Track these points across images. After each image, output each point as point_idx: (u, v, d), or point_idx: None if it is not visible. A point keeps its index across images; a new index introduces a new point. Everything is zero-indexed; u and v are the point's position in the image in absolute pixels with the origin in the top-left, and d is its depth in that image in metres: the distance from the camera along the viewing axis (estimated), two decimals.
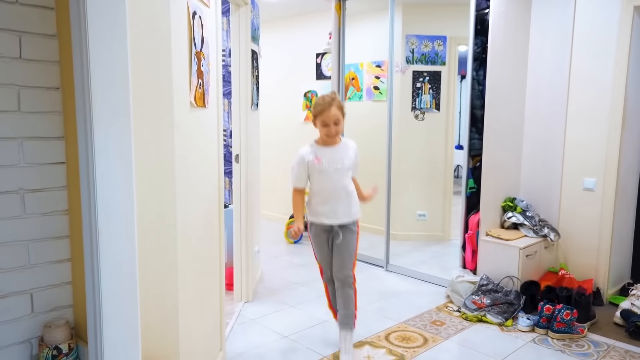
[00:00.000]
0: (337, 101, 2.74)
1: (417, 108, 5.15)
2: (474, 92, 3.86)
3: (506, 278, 3.58)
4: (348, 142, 2.94)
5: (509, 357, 2.91)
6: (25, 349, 1.60)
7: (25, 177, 1.54)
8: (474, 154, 3.93)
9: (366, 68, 5.30)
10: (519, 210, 3.90)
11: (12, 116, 1.51)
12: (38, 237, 1.58)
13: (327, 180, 2.81)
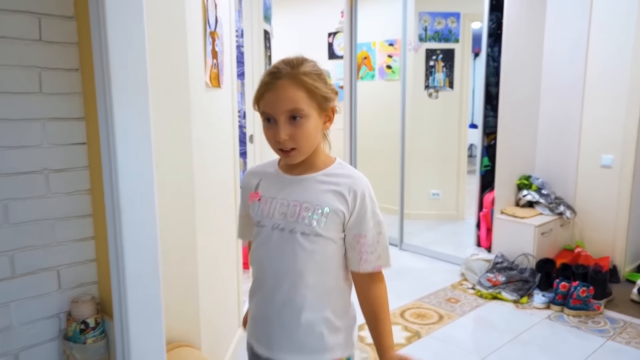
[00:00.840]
0: (298, 71, 1.15)
1: (430, 86, 5.11)
2: (489, 69, 3.82)
3: (521, 256, 3.59)
4: (344, 175, 1.23)
5: (525, 333, 2.93)
6: (54, 323, 1.66)
7: (48, 157, 1.59)
8: (489, 131, 3.90)
9: (378, 47, 5.26)
10: (534, 188, 3.88)
11: (34, 98, 1.54)
12: (63, 215, 1.63)
13: (262, 248, 1.26)
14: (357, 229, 1.19)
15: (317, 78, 1.15)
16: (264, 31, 3.55)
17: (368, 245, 1.19)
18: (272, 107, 1.13)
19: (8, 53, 1.48)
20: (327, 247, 1.19)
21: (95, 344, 1.62)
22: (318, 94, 1.14)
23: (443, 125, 5.17)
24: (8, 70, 1.49)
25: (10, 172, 1.52)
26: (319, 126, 1.18)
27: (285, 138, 1.11)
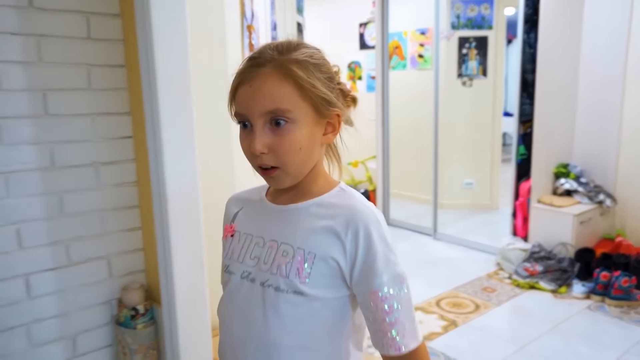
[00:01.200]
0: (287, 58, 0.78)
1: (463, 75, 5.04)
2: (525, 56, 3.74)
3: (559, 245, 3.53)
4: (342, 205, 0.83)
5: (564, 323, 2.88)
6: (106, 309, 1.73)
7: (98, 151, 1.65)
8: (525, 119, 3.83)
9: (410, 36, 5.21)
10: (573, 177, 3.80)
11: (84, 94, 1.60)
12: (111, 206, 1.70)
13: (226, 304, 0.91)
14: (367, 285, 0.78)
15: (313, 70, 0.78)
16: (297, 23, 3.55)
17: (384, 310, 0.78)
18: (246, 106, 0.78)
19: (59, 51, 1.55)
20: (315, 311, 0.80)
21: (145, 330, 1.69)
22: (314, 92, 0.78)
23: (476, 114, 5.09)
24: (60, 68, 1.55)
25: (65, 166, 1.59)
26: (314, 137, 0.81)
27: (261, 150, 0.76)
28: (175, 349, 1.65)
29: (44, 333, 1.62)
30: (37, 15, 1.50)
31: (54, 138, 1.57)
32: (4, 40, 1.46)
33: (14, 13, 1.47)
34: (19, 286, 1.56)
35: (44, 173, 1.56)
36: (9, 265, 1.54)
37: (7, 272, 1.54)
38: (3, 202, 1.51)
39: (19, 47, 1.49)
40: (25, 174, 1.53)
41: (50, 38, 1.53)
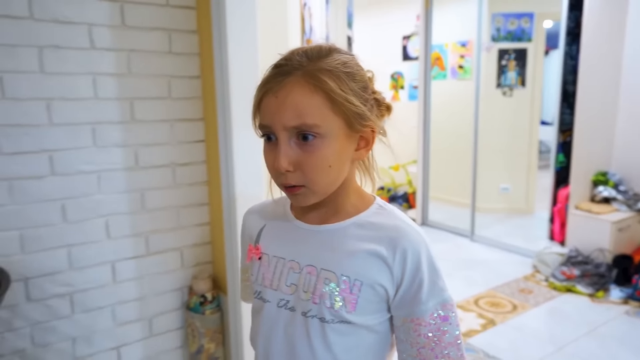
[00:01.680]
0: (317, 66, 0.66)
1: (502, 85, 4.95)
2: (566, 67, 3.65)
3: (596, 251, 3.42)
4: (386, 226, 0.73)
5: (602, 326, 2.80)
6: (178, 295, 1.80)
7: (175, 153, 1.72)
8: (565, 128, 3.73)
9: (451, 48, 5.14)
10: (611, 185, 3.67)
11: (165, 102, 1.68)
12: (185, 203, 1.77)
13: (266, 334, 0.77)
14: (408, 310, 0.70)
15: (346, 79, 0.66)
16: (347, 37, 3.58)
17: (427, 337, 0.70)
18: (271, 118, 0.66)
19: (148, 64, 1.63)
20: (362, 338, 0.73)
21: (212, 315, 1.74)
22: (347, 106, 0.66)
23: (514, 122, 4.98)
24: (147, 80, 1.64)
25: (147, 166, 1.67)
26: (345, 153, 0.69)
27: (286, 167, 0.65)
28: (238, 334, 1.70)
29: (125, 314, 1.71)
30: (128, 32, 1.58)
31: (138, 141, 1.65)
32: (101, 55, 1.55)
33: (108, 31, 1.55)
34: (107, 271, 1.65)
35: (129, 172, 1.65)
36: (99, 252, 1.63)
37: (97, 258, 1.63)
38: (95, 197, 1.60)
39: (113, 61, 1.57)
40: (114, 173, 1.62)
41: (138, 52, 1.61)
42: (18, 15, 1.43)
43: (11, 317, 1.53)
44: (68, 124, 1.54)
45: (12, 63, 1.44)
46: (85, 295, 1.63)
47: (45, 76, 1.49)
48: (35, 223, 1.52)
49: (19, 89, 1.46)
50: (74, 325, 1.63)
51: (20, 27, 1.44)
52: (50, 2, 1.47)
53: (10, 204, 1.48)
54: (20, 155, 1.48)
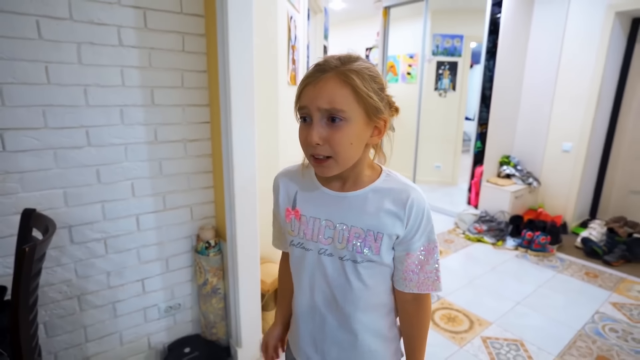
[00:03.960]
0: (347, 67, 0.67)
1: (439, 89, 4.93)
2: (485, 77, 3.64)
3: (499, 212, 3.50)
4: (397, 190, 0.74)
5: (500, 265, 2.89)
6: (189, 241, 1.75)
7: (186, 131, 1.64)
8: (482, 122, 3.75)
9: (402, 59, 5.08)
10: (512, 165, 3.74)
11: (178, 90, 1.58)
12: (194, 171, 1.70)
13: (310, 274, 0.80)
14: (406, 246, 0.74)
15: (369, 80, 0.68)
16: (324, 46, 3.47)
17: (414, 264, 0.75)
18: (309, 101, 0.67)
19: (165, 60, 1.52)
20: (381, 271, 0.76)
21: (214, 257, 1.71)
22: (367, 100, 0.67)
23: (446, 117, 5.00)
24: (164, 72, 1.54)
25: (164, 141, 1.59)
26: (363, 136, 0.70)
27: (317, 141, 0.67)
28: (234, 270, 1.68)
29: (147, 254, 1.66)
30: (149, 34, 1.47)
31: (157, 121, 1.56)
32: (128, 51, 1.45)
33: (134, 32, 1.44)
34: (133, 222, 1.59)
35: (150, 145, 1.57)
36: (127, 207, 1.56)
37: (125, 212, 1.56)
38: (123, 164, 1.52)
39: (137, 56, 1.47)
40: (138, 145, 1.54)
41: (157, 50, 1.50)
42: (60, 17, 1.32)
43: (59, 255, 1.46)
44: (101, 105, 1.44)
45: (56, 55, 1.33)
46: (116, 240, 1.57)
47: (83, 67, 1.38)
48: (75, 183, 1.44)
49: (61, 76, 1.35)
50: (108, 262, 1.57)
51: (62, 27, 1.32)
52: (87, 7, 1.35)
53: (55, 168, 1.40)
54: (63, 129, 1.39)
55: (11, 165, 1.33)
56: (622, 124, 3.52)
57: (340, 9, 4.90)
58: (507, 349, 1.97)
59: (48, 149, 1.37)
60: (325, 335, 0.80)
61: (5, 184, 1.33)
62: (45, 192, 1.39)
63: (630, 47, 3.33)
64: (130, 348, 1.70)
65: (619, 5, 3.06)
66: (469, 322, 2.19)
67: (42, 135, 1.36)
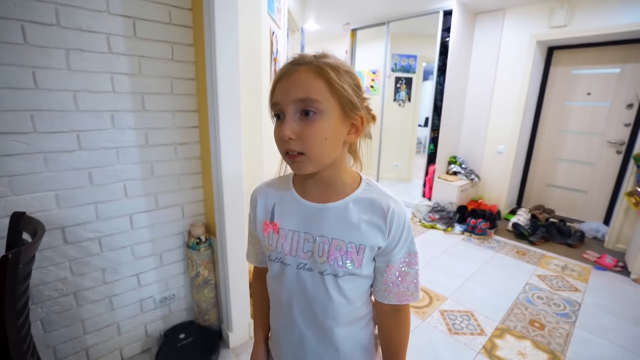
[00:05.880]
0: (322, 61, 0.56)
1: (397, 100, 4.92)
2: (437, 90, 3.64)
3: (448, 203, 3.53)
4: (377, 201, 0.61)
5: (450, 248, 2.90)
6: (180, 237, 1.60)
7: (175, 135, 1.49)
8: (434, 128, 3.76)
9: (366, 74, 5.02)
10: (458, 164, 3.78)
11: (168, 97, 1.43)
12: (184, 172, 1.55)
13: (289, 290, 0.65)
14: (387, 258, 0.62)
15: (344, 74, 0.56)
16: None
17: (395, 276, 0.63)
18: (281, 95, 0.55)
19: (155, 67, 1.36)
20: (362, 283, 0.64)
21: (205, 251, 1.57)
22: (342, 92, 0.55)
23: (403, 124, 5.00)
24: (154, 79, 1.37)
25: (155, 144, 1.43)
26: (339, 133, 0.57)
27: (290, 135, 0.54)
28: (224, 263, 1.55)
29: (142, 251, 1.49)
30: (139, 42, 1.31)
31: (148, 125, 1.40)
32: (117, 59, 1.27)
33: (123, 40, 1.27)
34: (126, 221, 1.42)
35: (141, 149, 1.40)
36: (120, 208, 1.39)
37: (118, 212, 1.39)
38: (115, 167, 1.35)
39: (126, 64, 1.30)
40: (129, 149, 1.37)
41: (147, 58, 1.34)
42: (47, 23, 1.13)
43: (53, 255, 1.28)
44: (92, 110, 1.26)
45: (43, 61, 1.14)
46: (110, 239, 1.40)
47: (72, 72, 1.20)
48: (67, 185, 1.26)
49: (50, 81, 1.17)
50: (103, 259, 1.40)
51: (50, 33, 1.14)
52: (75, 14, 1.17)
53: (46, 171, 1.21)
54: (53, 134, 1.20)
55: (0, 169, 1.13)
56: (541, 131, 3.64)
57: (314, 29, 4.77)
58: (460, 319, 1.95)
59: (38, 153, 1.19)
60: (305, 350, 0.66)
61: None
62: (36, 194, 1.21)
63: (546, 70, 3.45)
64: (128, 337, 1.53)
65: (539, 36, 3.16)
66: (429, 298, 2.16)
67: (31, 140, 1.17)
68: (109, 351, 1.49)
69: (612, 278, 2.46)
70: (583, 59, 3.28)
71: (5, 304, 0.85)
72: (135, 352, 1.56)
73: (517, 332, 1.85)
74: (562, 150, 3.54)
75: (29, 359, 0.98)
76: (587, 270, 2.56)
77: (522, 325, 1.91)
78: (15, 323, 0.89)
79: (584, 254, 2.79)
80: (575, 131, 3.43)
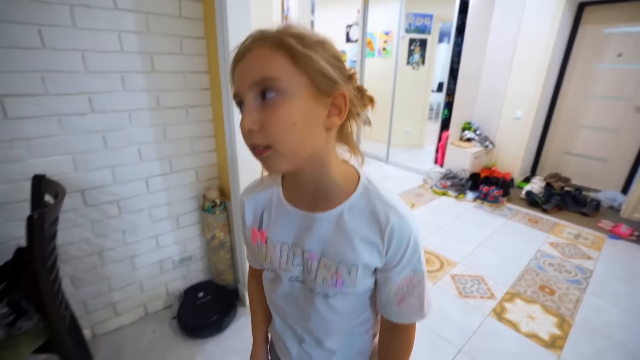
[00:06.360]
0: (283, 32, 0.42)
1: (410, 63, 4.69)
2: (454, 52, 3.44)
3: (461, 170, 3.47)
4: (377, 211, 0.49)
5: (462, 215, 2.88)
6: (195, 201, 1.61)
7: (187, 97, 1.45)
8: (449, 92, 3.60)
9: (378, 35, 4.76)
10: (472, 130, 3.66)
11: (178, 57, 1.37)
12: (196, 135, 1.53)
13: (283, 301, 0.60)
14: (389, 274, 0.53)
15: (314, 45, 0.43)
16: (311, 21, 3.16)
17: (394, 295, 0.54)
18: (238, 82, 0.44)
19: (163, 25, 1.29)
20: (359, 297, 0.56)
21: (220, 214, 1.59)
22: (310, 63, 0.42)
23: (416, 89, 4.81)
24: (163, 38, 1.31)
25: (166, 107, 1.39)
26: (313, 116, 0.44)
27: (249, 126, 0.43)
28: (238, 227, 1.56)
29: (158, 214, 1.52)
30: None
31: (158, 87, 1.36)
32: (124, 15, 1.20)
33: None
34: (142, 185, 1.43)
35: (153, 111, 1.37)
36: (135, 171, 1.39)
37: (134, 175, 1.39)
38: (128, 130, 1.33)
39: (134, 21, 1.23)
40: (141, 111, 1.34)
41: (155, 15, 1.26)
42: None
43: (75, 217, 1.31)
44: (101, 71, 1.22)
45: (47, 17, 1.09)
46: (128, 202, 1.41)
47: (78, 30, 1.15)
48: (83, 149, 1.26)
49: (56, 40, 1.12)
50: (122, 222, 1.43)
51: None
52: None
53: (61, 134, 1.20)
54: (64, 96, 1.18)
55: (16, 133, 1.13)
56: (563, 95, 3.45)
57: None
58: (471, 283, 1.98)
59: (51, 115, 1.17)
60: (306, 351, 0.62)
61: (13, 150, 1.13)
62: (53, 158, 1.21)
63: (574, 29, 3.19)
64: (151, 295, 1.60)
65: None
66: (440, 262, 2.19)
67: (43, 102, 1.15)
68: (134, 307, 1.57)
69: (627, 247, 2.43)
70: (618, 15, 3.01)
71: (37, 262, 0.88)
72: (158, 308, 1.64)
73: (527, 297, 1.87)
74: (584, 116, 3.37)
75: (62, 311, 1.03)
76: (600, 239, 2.53)
77: (532, 290, 1.93)
78: (47, 279, 0.92)
79: (598, 223, 2.75)
80: (601, 96, 3.24)
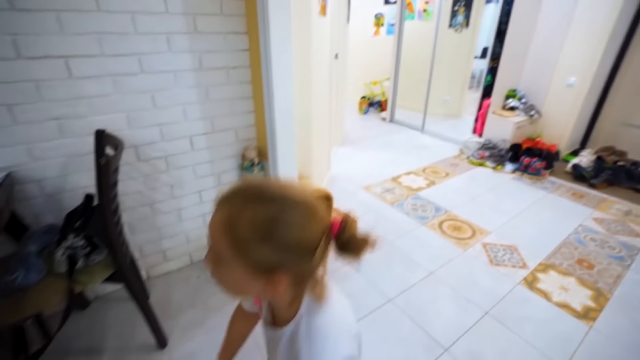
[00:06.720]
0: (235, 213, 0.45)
1: (453, 25, 4.36)
2: (503, 11, 3.14)
3: (501, 141, 3.29)
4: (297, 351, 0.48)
5: (498, 187, 2.78)
6: (235, 160, 1.70)
7: (227, 59, 1.48)
8: (494, 57, 3.34)
9: None
10: (517, 98, 3.41)
11: (218, 17, 1.39)
12: (236, 97, 1.57)
13: None
14: None
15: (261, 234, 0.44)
16: None
17: None
18: (210, 226, 0.49)
19: None
20: None
21: (259, 173, 1.66)
22: (247, 254, 0.44)
23: (458, 54, 4.50)
24: None
25: (209, 68, 1.44)
26: (247, 284, 0.47)
27: (206, 266, 0.50)
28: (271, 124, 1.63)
29: (202, 170, 1.62)
30: None
31: (201, 48, 1.40)
32: None
33: None
34: (187, 143, 1.52)
35: (197, 72, 1.43)
36: (180, 130, 1.48)
37: (179, 134, 1.49)
38: (173, 90, 1.40)
39: None
40: (185, 72, 1.40)
41: None
42: None
43: (129, 170, 1.44)
44: (148, 33, 1.28)
45: None
46: (174, 158, 1.52)
47: None
48: (134, 108, 1.35)
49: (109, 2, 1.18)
50: (170, 177, 1.55)
51: None
52: None
53: (115, 93, 1.30)
54: (117, 57, 1.26)
55: (79, 91, 1.23)
56: (629, 59, 3.07)
57: None
58: (503, 252, 1.95)
59: (107, 75, 1.26)
60: None
61: (77, 108, 1.25)
62: (110, 115, 1.32)
63: None
64: (195, 245, 1.76)
65: None
66: (472, 230, 2.16)
67: (100, 62, 1.24)
68: (181, 255, 1.73)
69: None
70: None
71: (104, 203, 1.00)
72: (201, 257, 1.80)
73: (563, 269, 1.82)
74: None
75: (125, 250, 1.18)
76: None
77: (568, 263, 1.87)
78: (113, 220, 1.05)
79: None
80: None
